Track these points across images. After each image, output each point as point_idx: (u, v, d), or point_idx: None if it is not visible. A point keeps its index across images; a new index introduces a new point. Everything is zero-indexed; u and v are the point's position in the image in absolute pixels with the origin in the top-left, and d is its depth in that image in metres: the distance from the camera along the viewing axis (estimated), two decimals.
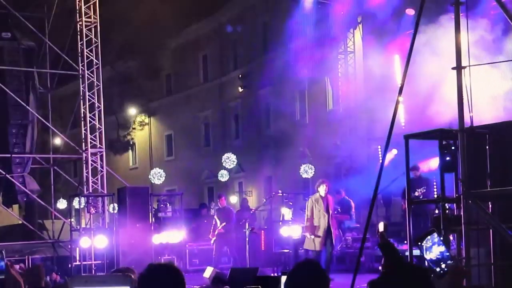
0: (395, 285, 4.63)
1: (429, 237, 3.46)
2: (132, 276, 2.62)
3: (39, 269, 4.88)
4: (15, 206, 20.30)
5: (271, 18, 27.44)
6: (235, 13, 30.33)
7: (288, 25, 22.49)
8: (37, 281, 4.51)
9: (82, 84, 17.78)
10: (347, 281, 11.57)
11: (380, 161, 17.09)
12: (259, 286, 4.29)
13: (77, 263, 15.91)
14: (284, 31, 22.69)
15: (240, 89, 28.88)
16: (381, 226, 13.37)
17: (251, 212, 16.97)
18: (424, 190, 13.61)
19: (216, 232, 15.51)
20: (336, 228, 13.59)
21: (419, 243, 3.45)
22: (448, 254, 3.40)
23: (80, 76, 17.82)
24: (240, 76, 28.93)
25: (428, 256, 3.44)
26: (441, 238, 3.42)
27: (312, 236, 13.03)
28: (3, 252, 4.19)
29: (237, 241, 15.47)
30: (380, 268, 5.95)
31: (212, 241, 15.66)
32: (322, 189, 13.25)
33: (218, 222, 15.57)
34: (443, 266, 3.38)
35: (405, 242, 12.68)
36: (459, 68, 7.49)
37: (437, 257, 3.42)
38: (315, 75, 23.22)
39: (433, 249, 3.43)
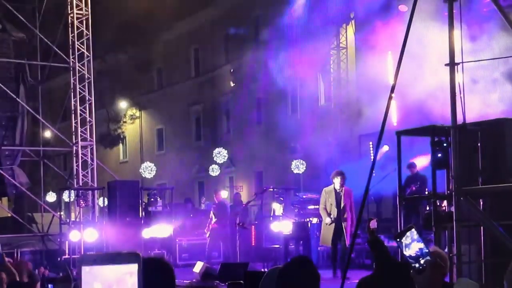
0: (382, 283, 4.61)
1: (408, 233, 3.48)
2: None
3: (21, 265, 4.84)
4: (4, 199, 20.22)
5: (263, 13, 27.37)
6: (227, 7, 30.23)
7: (280, 20, 22.44)
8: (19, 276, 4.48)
9: (73, 77, 17.68)
10: (338, 276, 11.59)
11: (372, 157, 17.11)
12: (241, 282, 4.31)
13: (66, 256, 15.84)
14: (276, 26, 22.65)
15: (232, 84, 28.81)
16: (373, 223, 13.28)
17: (242, 206, 16.94)
18: (418, 186, 13.57)
19: (210, 227, 15.49)
20: (350, 224, 12.22)
21: (398, 240, 3.46)
22: (427, 250, 3.41)
23: (71, 68, 17.71)
24: (231, 70, 28.86)
25: (407, 252, 3.46)
26: (420, 235, 3.45)
27: (328, 220, 12.23)
28: None
29: (230, 236, 15.45)
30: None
31: (207, 235, 15.65)
32: (336, 181, 12.30)
33: (214, 217, 15.54)
34: (422, 262, 3.40)
35: None
36: (452, 64, 7.48)
37: (416, 254, 3.44)
38: (307, 70, 23.19)
39: (412, 245, 3.46)
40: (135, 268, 1.94)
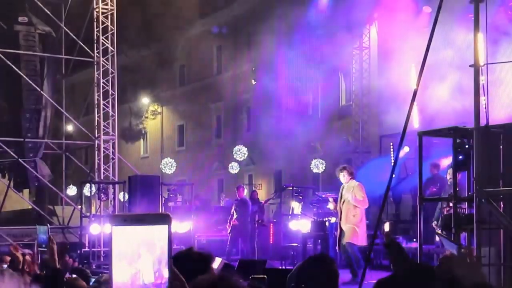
0: (401, 285, 4.63)
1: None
2: None
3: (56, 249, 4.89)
4: (25, 191, 20.41)
5: (286, 11, 27.36)
6: (250, 5, 30.28)
7: (303, 19, 22.43)
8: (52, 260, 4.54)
9: (97, 71, 17.82)
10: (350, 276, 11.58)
11: (392, 158, 17.07)
12: (265, 276, 4.38)
13: (86, 249, 15.98)
14: (299, 24, 22.63)
15: (253, 82, 28.84)
16: (386, 226, 13.27)
17: (261, 204, 16.97)
18: (438, 188, 13.48)
19: (231, 224, 15.54)
20: (348, 223, 11.55)
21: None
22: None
23: (95, 63, 17.85)
24: (253, 69, 28.89)
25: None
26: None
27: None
28: (48, 226, 4.31)
29: (249, 233, 15.48)
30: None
31: (228, 232, 15.71)
32: (340, 177, 11.69)
33: (235, 213, 15.57)
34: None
35: (414, 240, 12.64)
36: (476, 65, 7.44)
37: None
38: (329, 69, 23.17)
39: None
40: (156, 232, 1.80)
